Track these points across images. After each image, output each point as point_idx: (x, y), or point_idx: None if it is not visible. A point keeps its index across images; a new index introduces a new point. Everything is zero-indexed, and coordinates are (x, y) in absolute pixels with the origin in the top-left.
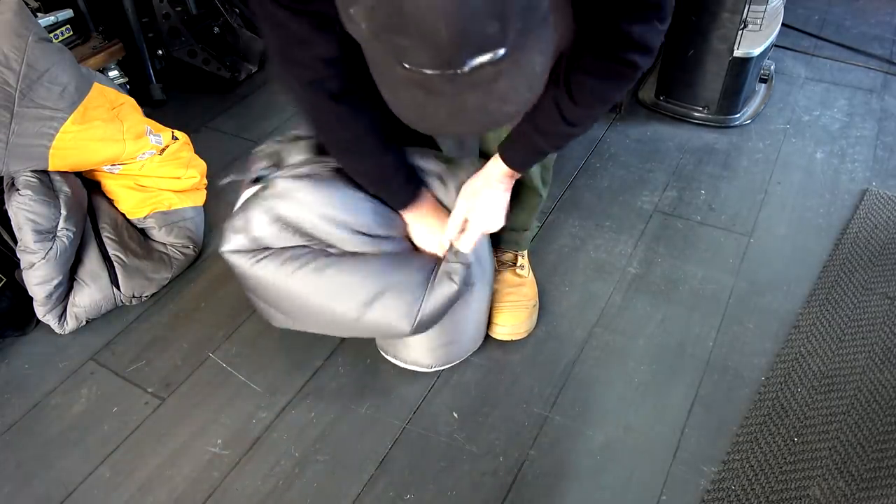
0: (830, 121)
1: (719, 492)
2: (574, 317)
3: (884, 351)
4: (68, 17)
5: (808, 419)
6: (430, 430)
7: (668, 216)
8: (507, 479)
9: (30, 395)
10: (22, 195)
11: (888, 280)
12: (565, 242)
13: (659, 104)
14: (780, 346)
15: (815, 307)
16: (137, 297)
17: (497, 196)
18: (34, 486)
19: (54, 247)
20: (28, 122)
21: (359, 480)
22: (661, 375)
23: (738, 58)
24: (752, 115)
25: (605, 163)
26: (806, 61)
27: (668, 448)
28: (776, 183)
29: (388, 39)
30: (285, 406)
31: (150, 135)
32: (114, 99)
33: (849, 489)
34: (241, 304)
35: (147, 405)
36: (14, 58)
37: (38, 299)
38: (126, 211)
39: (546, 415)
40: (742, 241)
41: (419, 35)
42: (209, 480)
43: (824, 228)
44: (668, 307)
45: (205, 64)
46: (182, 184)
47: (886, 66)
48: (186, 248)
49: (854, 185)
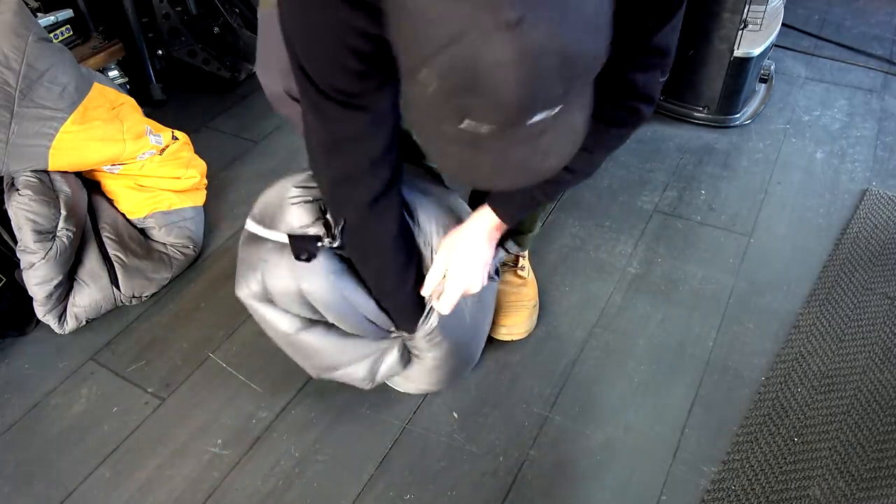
0: (830, 121)
1: (719, 492)
2: (574, 317)
3: (884, 351)
4: (68, 17)
5: (808, 419)
6: (430, 430)
7: (668, 216)
8: (507, 479)
9: (30, 395)
10: (22, 195)
11: (888, 280)
12: (565, 242)
13: (659, 104)
14: (780, 346)
15: (815, 307)
16: (137, 297)
17: (480, 254)
18: (34, 486)
19: (54, 247)
20: (28, 122)
21: (359, 480)
22: (661, 375)
23: (738, 58)
24: (752, 115)
25: (605, 163)
26: (806, 61)
27: (668, 448)
28: (776, 183)
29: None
30: (285, 406)
31: (150, 135)
32: (114, 99)
33: (849, 489)
34: (240, 304)
35: (147, 405)
36: (14, 58)
37: (38, 299)
38: (126, 211)
39: (546, 415)
40: (742, 241)
41: (490, 95)
42: (209, 480)
43: (824, 228)
44: (668, 307)
45: (205, 64)
46: (182, 184)
47: (886, 66)
48: (186, 248)
49: (854, 185)
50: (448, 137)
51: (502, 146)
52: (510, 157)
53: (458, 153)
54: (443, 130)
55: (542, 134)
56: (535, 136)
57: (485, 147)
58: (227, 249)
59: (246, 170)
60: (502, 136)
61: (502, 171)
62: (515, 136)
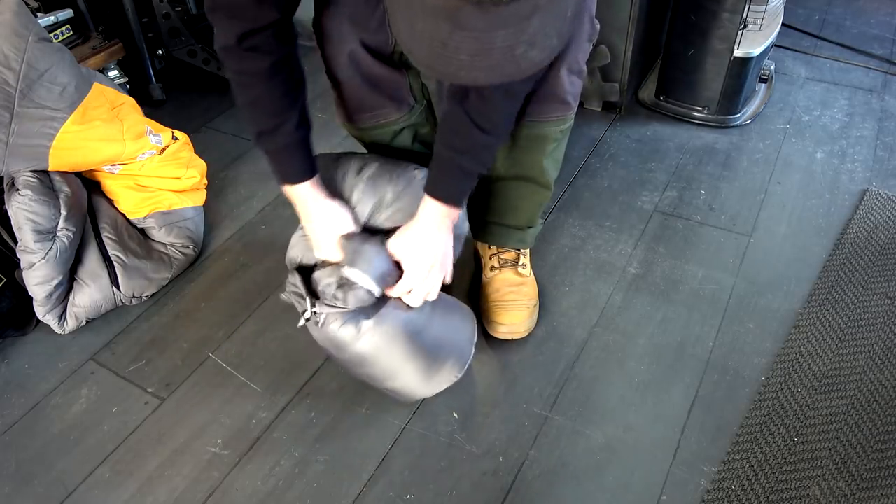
0: (830, 121)
1: (719, 492)
2: (574, 317)
3: (884, 351)
4: (68, 17)
5: (808, 419)
6: (430, 430)
7: (668, 216)
8: (507, 479)
9: (30, 395)
10: (22, 195)
11: (888, 280)
12: (565, 242)
13: (659, 104)
14: (780, 346)
15: (815, 307)
16: (137, 297)
17: (436, 244)
18: (34, 486)
19: (54, 247)
20: (28, 122)
21: (359, 480)
22: (661, 375)
23: (738, 58)
24: (752, 115)
25: (605, 163)
26: (806, 61)
27: (668, 448)
28: (776, 183)
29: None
30: (285, 406)
31: (150, 135)
32: (114, 99)
33: (849, 489)
34: (240, 304)
35: (147, 405)
36: (14, 58)
37: (38, 299)
38: (126, 211)
39: (546, 415)
40: (742, 241)
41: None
42: (209, 480)
43: (824, 228)
44: (668, 307)
45: (205, 64)
46: (182, 184)
47: (886, 66)
48: (186, 248)
49: (854, 185)
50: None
51: (485, 24)
52: (493, 41)
53: (433, 32)
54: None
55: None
56: (523, 19)
57: (465, 25)
58: (227, 249)
59: (246, 170)
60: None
61: (480, 57)
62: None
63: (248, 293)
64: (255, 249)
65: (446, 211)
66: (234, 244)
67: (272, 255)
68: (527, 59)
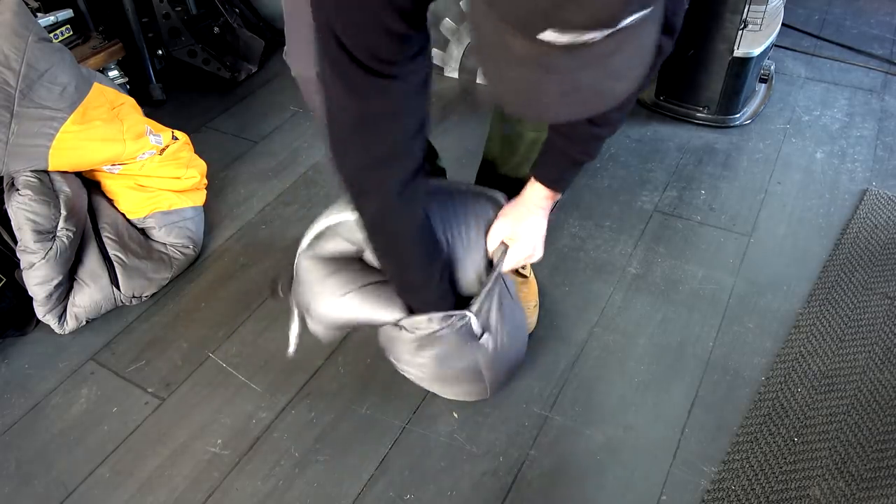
0: (830, 121)
1: (719, 492)
2: (574, 317)
3: (884, 351)
4: (68, 17)
5: (808, 419)
6: (430, 430)
7: (668, 216)
8: (507, 479)
9: (30, 395)
10: (22, 195)
11: (888, 280)
12: (565, 242)
13: (659, 104)
14: (780, 346)
15: (815, 307)
16: (137, 297)
17: (539, 223)
18: (34, 486)
19: (54, 247)
20: (28, 122)
21: (359, 480)
22: (661, 375)
23: (738, 58)
24: (752, 115)
25: (605, 163)
26: (806, 61)
27: (668, 448)
28: (776, 183)
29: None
30: (285, 406)
31: (150, 135)
32: (114, 99)
33: (849, 489)
34: (241, 304)
35: (147, 405)
36: (14, 58)
37: (38, 299)
38: (126, 211)
39: (546, 415)
40: (742, 241)
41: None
42: (209, 480)
43: (824, 228)
44: (668, 307)
45: (205, 64)
46: (182, 184)
47: (886, 66)
48: (186, 248)
49: (854, 185)
50: (515, 58)
51: (573, 65)
52: (580, 81)
53: (522, 77)
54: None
55: (614, 52)
56: (608, 56)
57: (554, 67)
58: (226, 249)
59: (246, 170)
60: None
61: (569, 96)
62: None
63: (248, 293)
64: (255, 249)
65: (550, 194)
66: (233, 244)
67: (272, 255)
68: (612, 92)
